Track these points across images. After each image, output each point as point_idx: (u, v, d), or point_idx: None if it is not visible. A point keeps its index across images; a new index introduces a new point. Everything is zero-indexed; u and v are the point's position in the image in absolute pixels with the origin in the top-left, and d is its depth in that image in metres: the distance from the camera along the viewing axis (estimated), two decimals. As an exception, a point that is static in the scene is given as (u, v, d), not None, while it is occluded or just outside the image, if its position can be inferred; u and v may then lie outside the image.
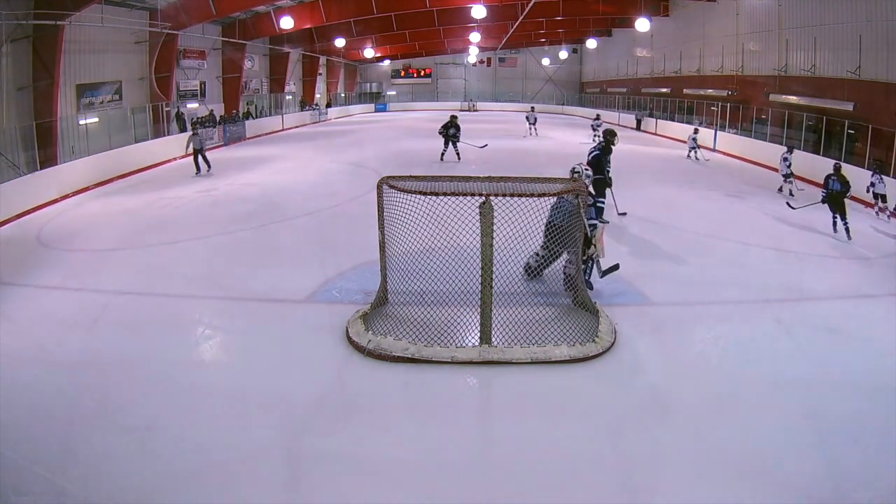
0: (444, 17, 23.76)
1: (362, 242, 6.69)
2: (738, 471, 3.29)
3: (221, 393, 4.14)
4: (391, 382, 4.26)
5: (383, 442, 3.59)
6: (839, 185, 8.07)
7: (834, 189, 8.09)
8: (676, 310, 5.53)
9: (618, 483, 3.23)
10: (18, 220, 9.31)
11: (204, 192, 11.25)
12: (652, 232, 8.31)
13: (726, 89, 19.04)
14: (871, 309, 5.69)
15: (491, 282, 4.53)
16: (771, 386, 4.20)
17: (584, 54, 36.77)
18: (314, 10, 20.40)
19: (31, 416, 3.82)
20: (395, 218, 4.86)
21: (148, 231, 8.42)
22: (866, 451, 3.46)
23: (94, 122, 14.11)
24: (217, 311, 5.62)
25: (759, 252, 7.44)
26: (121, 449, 3.46)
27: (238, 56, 21.49)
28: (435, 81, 40.39)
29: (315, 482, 3.24)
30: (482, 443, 3.70)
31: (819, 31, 14.25)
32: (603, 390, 4.21)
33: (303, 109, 28.39)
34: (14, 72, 11.80)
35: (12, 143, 11.08)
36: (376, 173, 11.27)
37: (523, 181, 4.83)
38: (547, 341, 4.57)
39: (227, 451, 3.44)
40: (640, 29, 20.50)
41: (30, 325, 5.24)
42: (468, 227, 4.62)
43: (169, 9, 16.20)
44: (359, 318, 5.01)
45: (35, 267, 6.89)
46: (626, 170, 13.77)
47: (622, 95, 28.64)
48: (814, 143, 13.75)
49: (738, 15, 18.22)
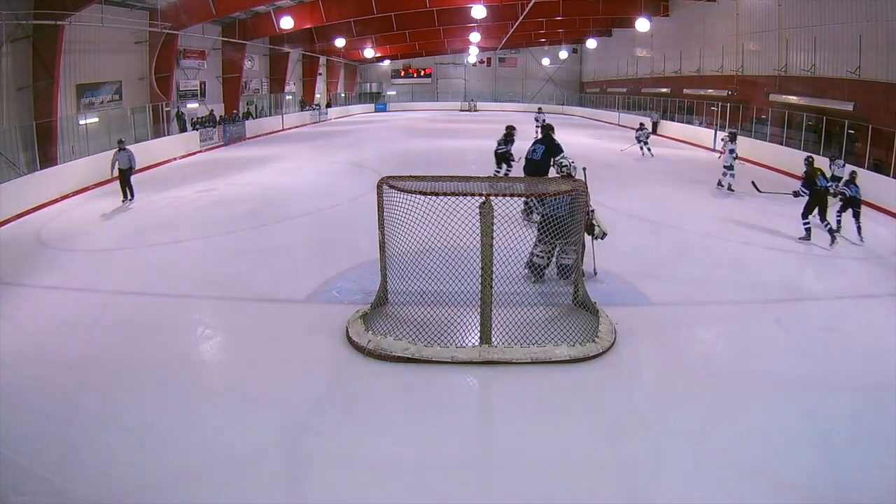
0: (444, 17, 23.75)
1: (362, 242, 6.69)
2: (738, 471, 3.29)
3: (221, 393, 4.14)
4: (391, 382, 4.26)
5: (383, 442, 3.59)
6: (856, 189, 7.94)
7: (855, 195, 7.88)
8: (676, 310, 5.53)
9: (618, 483, 3.23)
10: (18, 220, 9.31)
11: (204, 192, 11.25)
12: (652, 232, 8.31)
13: (726, 89, 19.04)
14: (871, 309, 5.69)
15: (491, 282, 4.53)
16: (771, 386, 4.21)
17: (584, 54, 36.76)
18: (314, 10, 20.39)
19: (31, 416, 3.82)
20: (395, 218, 4.86)
21: (148, 231, 8.42)
22: (866, 451, 3.46)
23: (94, 122, 14.12)
24: (217, 311, 5.62)
25: (759, 252, 7.44)
26: (121, 449, 3.46)
27: (238, 56, 21.48)
28: (435, 81, 40.37)
29: (315, 482, 3.24)
30: (482, 443, 3.71)
31: (819, 31, 14.25)
32: (603, 390, 4.22)
33: (303, 109, 28.39)
34: (14, 72, 11.80)
35: (12, 143, 11.08)
36: (376, 173, 11.28)
37: (523, 181, 4.83)
38: (547, 341, 4.56)
39: (227, 451, 3.44)
40: (640, 29, 20.49)
41: (30, 325, 5.24)
42: (468, 227, 4.62)
43: (169, 9, 16.20)
44: (359, 318, 5.01)
45: (35, 267, 6.89)
46: (627, 169, 13.81)
47: (622, 95, 28.63)
48: (814, 142, 13.75)
49: (738, 15, 18.22)
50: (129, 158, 10.25)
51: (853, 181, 8.11)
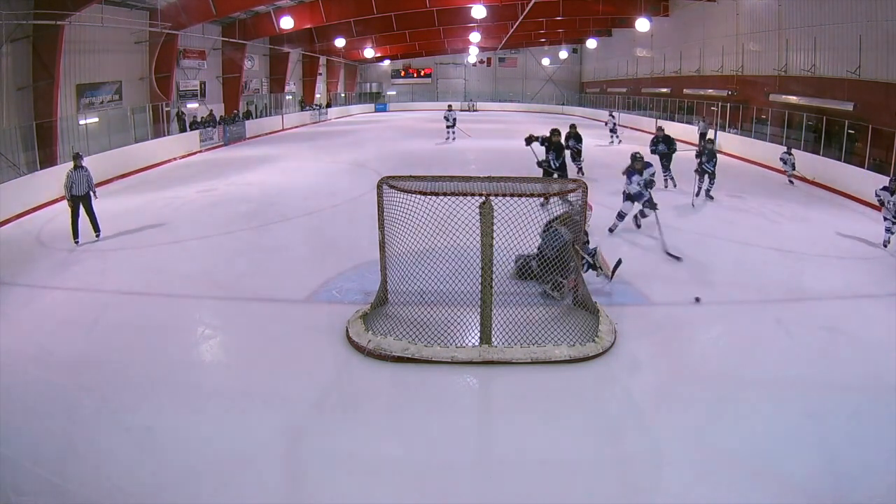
0: (444, 17, 23.75)
1: (362, 242, 6.69)
2: (739, 470, 3.29)
3: (221, 393, 4.14)
4: (391, 382, 4.27)
5: (383, 442, 3.59)
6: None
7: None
8: (676, 310, 5.53)
9: (618, 483, 3.23)
10: (18, 220, 9.30)
11: (204, 192, 11.25)
12: (652, 232, 8.31)
13: (726, 89, 19.02)
14: (871, 309, 5.69)
15: (491, 282, 4.53)
16: (771, 386, 4.21)
17: (584, 54, 36.74)
18: (314, 10, 20.39)
19: (31, 416, 3.82)
20: (395, 218, 4.87)
21: (148, 231, 8.42)
22: (866, 451, 3.46)
23: (94, 122, 14.12)
24: (217, 311, 5.62)
25: (760, 252, 7.44)
26: (121, 449, 3.46)
27: (238, 56, 21.48)
28: (435, 81, 40.35)
29: (315, 482, 3.24)
30: (482, 443, 3.71)
31: (819, 31, 14.25)
32: (603, 390, 4.22)
33: (302, 109, 28.38)
34: (14, 72, 11.79)
35: (12, 143, 11.07)
36: (376, 173, 11.29)
37: (523, 181, 4.83)
38: (547, 341, 4.56)
39: (227, 451, 3.44)
40: (640, 29, 20.47)
41: (30, 325, 5.24)
42: (468, 227, 4.62)
43: (169, 9, 16.19)
44: (359, 318, 5.01)
45: (35, 267, 6.89)
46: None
47: (622, 95, 28.62)
48: (813, 142, 13.75)
49: (738, 15, 18.21)
50: (88, 181, 7.82)
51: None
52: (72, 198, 7.70)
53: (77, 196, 7.72)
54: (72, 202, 7.73)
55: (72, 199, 7.71)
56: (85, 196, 7.80)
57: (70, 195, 7.70)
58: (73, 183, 7.71)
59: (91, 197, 7.91)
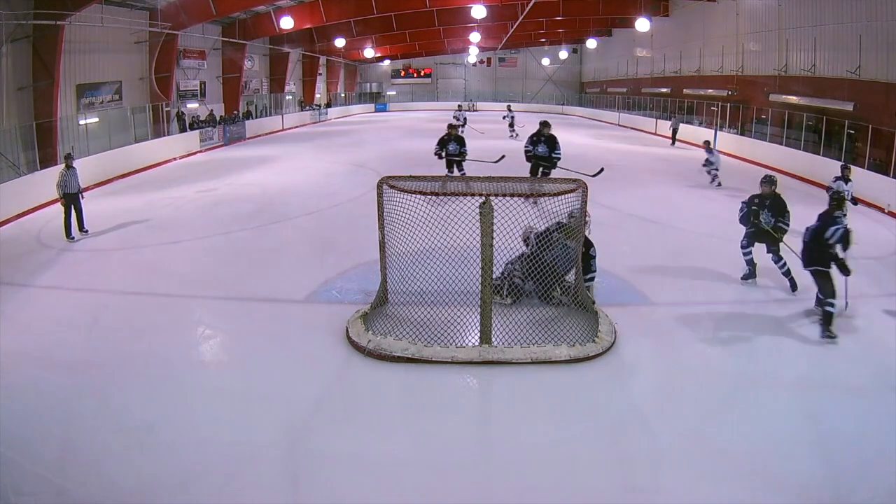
0: (444, 17, 23.75)
1: (362, 242, 6.69)
2: (739, 471, 3.29)
3: (221, 393, 4.14)
4: (391, 382, 4.26)
5: (383, 442, 3.59)
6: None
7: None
8: (676, 310, 5.53)
9: (618, 483, 3.23)
10: (18, 220, 9.30)
11: (204, 191, 11.25)
12: (652, 232, 8.31)
13: (726, 89, 19.03)
14: (871, 309, 5.68)
15: (491, 282, 4.53)
16: (771, 386, 4.21)
17: (584, 54, 36.74)
18: (314, 10, 20.39)
19: (31, 416, 3.82)
20: (395, 218, 4.86)
21: (148, 231, 8.42)
22: (866, 451, 3.46)
23: (94, 122, 14.12)
24: (217, 311, 5.62)
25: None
26: (121, 449, 3.46)
27: (238, 56, 21.48)
28: (435, 81, 40.35)
29: (315, 482, 3.24)
30: (482, 443, 3.70)
31: (819, 31, 14.25)
32: (603, 390, 4.22)
33: (302, 109, 28.38)
34: (14, 72, 11.79)
35: (12, 143, 11.07)
36: (376, 173, 11.29)
37: (523, 181, 4.83)
38: (547, 341, 4.56)
39: (227, 451, 3.44)
40: (640, 29, 20.48)
41: (30, 325, 5.23)
42: (468, 227, 4.62)
43: (169, 9, 16.20)
44: (359, 318, 5.01)
45: (35, 267, 6.89)
46: (627, 169, 13.80)
47: (622, 95, 28.63)
48: (813, 142, 13.76)
49: (738, 15, 18.22)
50: (78, 179, 8.15)
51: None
52: (65, 196, 7.95)
53: (69, 194, 7.99)
54: (65, 200, 7.98)
55: (65, 198, 7.96)
56: (76, 194, 8.10)
57: (63, 193, 7.93)
58: (66, 182, 7.94)
59: (80, 191, 8.22)
